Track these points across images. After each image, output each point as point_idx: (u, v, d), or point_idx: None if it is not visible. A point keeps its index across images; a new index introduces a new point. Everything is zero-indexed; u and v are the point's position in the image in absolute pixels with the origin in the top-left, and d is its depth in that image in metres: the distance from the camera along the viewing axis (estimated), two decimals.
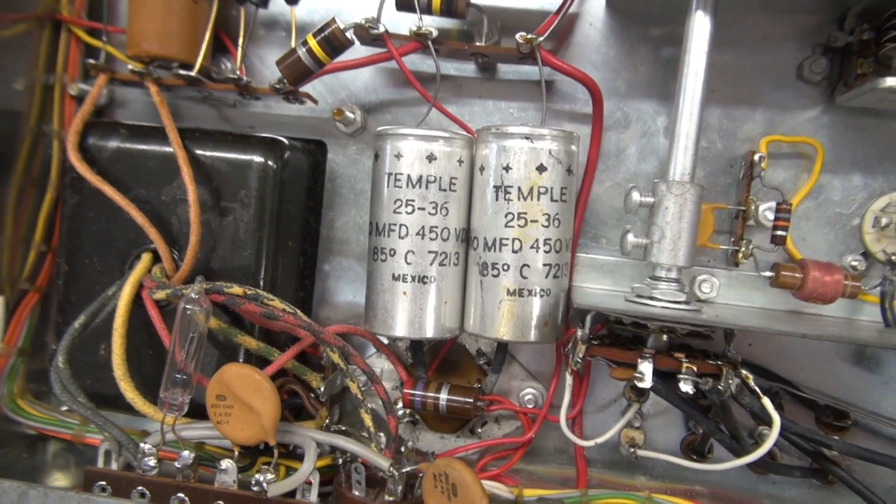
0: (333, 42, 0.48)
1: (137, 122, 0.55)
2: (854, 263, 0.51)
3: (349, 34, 0.48)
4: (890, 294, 0.48)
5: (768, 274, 0.49)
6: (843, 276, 0.47)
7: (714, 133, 0.53)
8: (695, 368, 0.42)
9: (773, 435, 0.42)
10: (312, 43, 0.48)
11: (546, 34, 0.48)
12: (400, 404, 0.53)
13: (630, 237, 0.46)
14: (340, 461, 0.49)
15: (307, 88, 0.54)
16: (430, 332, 0.49)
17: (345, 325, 0.54)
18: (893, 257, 0.49)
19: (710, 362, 0.43)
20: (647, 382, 0.42)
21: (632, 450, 0.53)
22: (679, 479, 0.55)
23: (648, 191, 0.46)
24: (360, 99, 0.57)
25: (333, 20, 0.48)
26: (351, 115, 0.55)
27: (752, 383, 0.43)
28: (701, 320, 0.42)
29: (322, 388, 0.52)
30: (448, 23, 0.54)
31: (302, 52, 0.48)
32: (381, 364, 0.57)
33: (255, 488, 0.45)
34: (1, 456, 0.56)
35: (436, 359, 0.56)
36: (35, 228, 0.56)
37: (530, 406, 0.55)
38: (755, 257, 0.50)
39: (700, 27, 0.44)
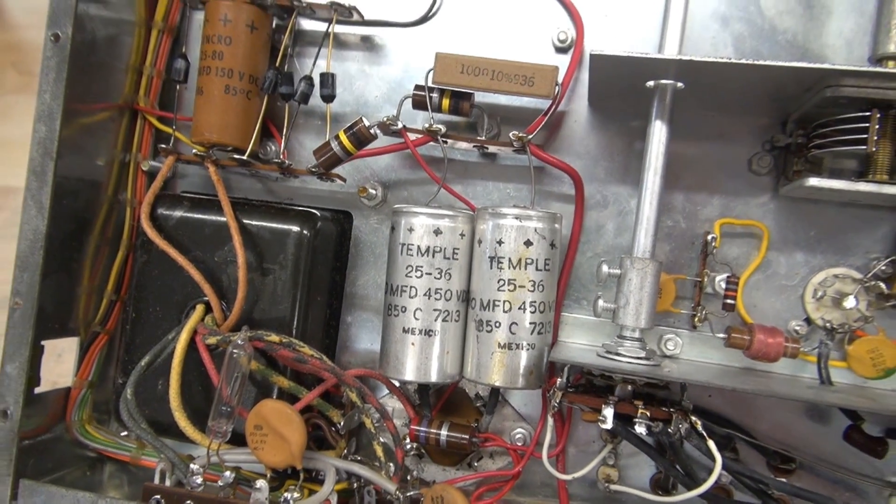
0: (360, 136, 0.58)
1: (198, 195, 0.66)
2: (797, 328, 0.59)
3: (373, 130, 0.59)
4: (825, 355, 0.56)
5: (722, 336, 0.58)
6: (784, 338, 0.56)
7: (679, 214, 0.62)
8: (648, 413, 0.50)
9: (716, 471, 0.50)
10: (343, 137, 0.59)
11: (534, 133, 0.58)
12: (407, 439, 0.62)
13: (601, 302, 0.55)
14: (355, 486, 0.58)
15: (337, 169, 0.65)
16: (434, 378, 0.58)
17: (363, 370, 0.63)
18: (828, 324, 0.58)
19: (664, 409, 0.52)
20: (608, 424, 0.50)
21: (607, 485, 0.61)
22: None
23: (617, 264, 0.56)
24: (382, 177, 0.67)
25: (361, 119, 0.59)
26: (373, 192, 0.66)
27: (699, 428, 0.52)
28: (651, 374, 0.51)
29: (342, 423, 0.61)
30: (457, 117, 0.65)
31: (334, 144, 0.59)
32: (392, 404, 0.66)
33: None
34: (68, 473, 0.66)
35: (440, 401, 0.65)
36: (108, 280, 0.66)
37: (520, 444, 0.64)
38: (710, 321, 0.59)
39: (658, 132, 0.54)
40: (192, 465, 0.56)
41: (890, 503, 0.58)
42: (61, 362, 0.67)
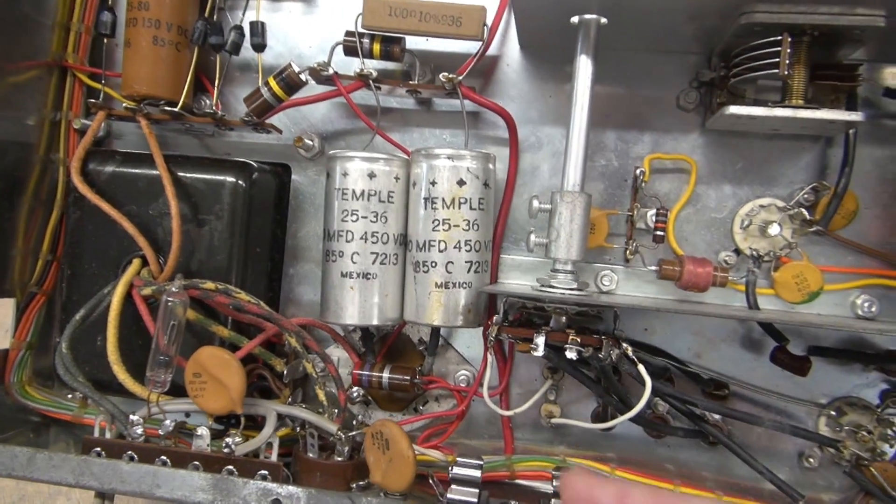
0: (289, 82, 0.58)
1: (130, 150, 0.65)
2: (727, 258, 0.61)
3: (303, 76, 0.59)
4: (752, 282, 0.58)
5: (654, 268, 0.59)
6: (713, 267, 0.57)
7: (611, 153, 0.63)
8: (578, 340, 0.51)
9: (646, 393, 0.51)
10: (273, 83, 0.58)
11: (465, 74, 0.59)
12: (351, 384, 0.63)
13: (533, 237, 0.56)
14: (298, 431, 0.58)
15: (274, 121, 0.65)
16: (375, 320, 0.59)
17: (305, 318, 0.64)
18: (756, 253, 0.59)
19: (595, 337, 0.53)
20: (539, 352, 0.51)
21: (549, 420, 0.62)
22: (593, 447, 0.64)
23: (548, 200, 0.56)
24: (318, 128, 0.67)
25: (290, 64, 0.58)
26: (310, 142, 0.66)
27: (630, 353, 0.53)
28: (580, 300, 0.52)
29: (285, 372, 0.61)
30: (391, 65, 0.65)
31: (264, 91, 0.59)
32: (338, 353, 0.66)
33: (225, 450, 0.55)
34: (11, 437, 0.65)
35: (384, 347, 0.66)
36: (43, 240, 0.65)
37: (463, 385, 0.65)
38: (641, 255, 0.60)
39: (584, 67, 0.55)
40: (132, 417, 0.56)
41: (818, 423, 0.60)
42: None
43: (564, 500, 0.26)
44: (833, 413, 0.59)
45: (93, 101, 0.64)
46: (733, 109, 0.53)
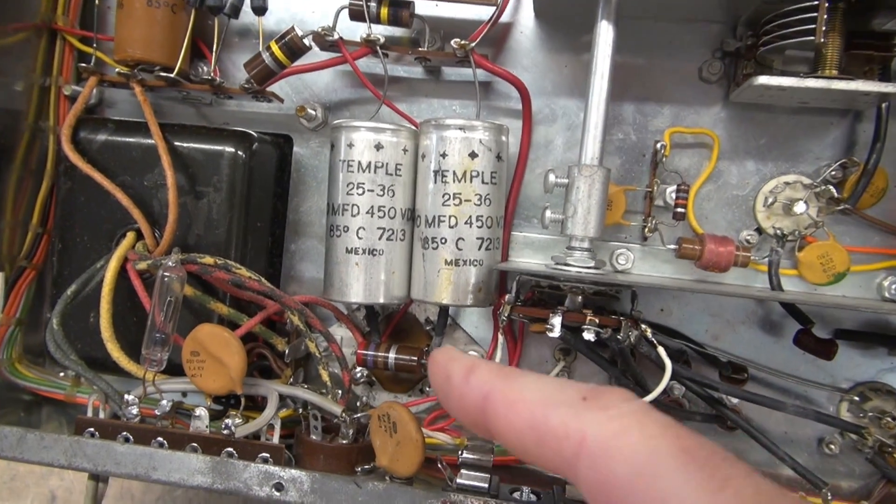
0: (292, 46, 0.55)
1: (124, 118, 0.62)
2: (748, 237, 0.58)
3: (307, 40, 0.56)
4: (775, 262, 0.55)
5: (673, 247, 0.57)
6: (735, 247, 0.55)
7: (629, 126, 0.60)
8: (597, 321, 0.49)
9: (666, 377, 0.49)
10: (275, 48, 0.55)
11: (477, 41, 0.56)
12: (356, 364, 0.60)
13: (548, 213, 0.53)
14: (301, 412, 0.56)
15: (275, 89, 0.62)
16: (381, 299, 0.56)
17: (308, 296, 0.61)
18: (779, 232, 0.57)
19: (614, 317, 0.50)
20: (556, 333, 0.49)
21: None
22: None
23: (564, 173, 0.54)
24: (322, 98, 0.64)
25: (293, 28, 0.55)
26: (313, 112, 0.63)
27: (649, 335, 0.50)
28: (598, 279, 0.50)
29: (287, 351, 0.59)
30: (399, 31, 0.61)
31: (266, 55, 0.55)
32: (341, 332, 0.64)
33: (225, 431, 0.52)
34: (1, 417, 0.62)
35: (389, 326, 0.63)
36: (32, 212, 0.62)
37: None
38: (661, 233, 0.57)
39: (604, 34, 0.52)
40: (126, 396, 0.54)
41: (840, 408, 0.58)
42: None
43: (429, 375, 0.30)
44: (856, 398, 0.57)
45: (84, 65, 0.61)
46: (762, 80, 0.50)
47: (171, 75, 0.58)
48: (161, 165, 0.56)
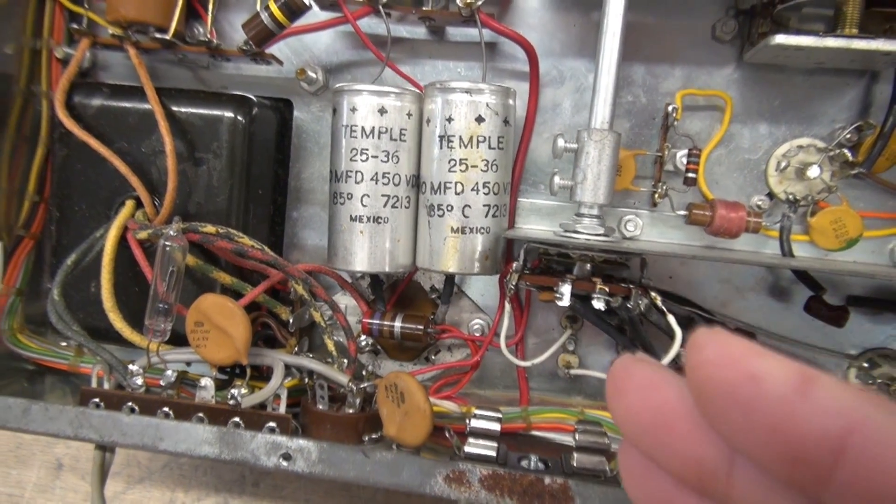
0: (291, 5, 0.53)
1: (119, 83, 0.60)
2: (759, 203, 0.57)
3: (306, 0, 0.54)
4: (787, 228, 0.55)
5: (683, 213, 0.55)
6: (746, 212, 0.54)
7: (639, 88, 0.59)
8: (607, 289, 0.48)
9: (676, 344, 0.49)
10: (273, 7, 0.53)
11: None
12: (361, 333, 0.60)
13: (557, 179, 0.52)
14: (307, 382, 0.56)
15: (274, 51, 0.60)
16: (386, 267, 0.55)
17: (311, 265, 0.60)
18: (791, 196, 0.56)
19: (623, 285, 0.50)
20: (565, 301, 0.48)
21: (567, 371, 0.60)
22: None
23: (573, 138, 0.52)
24: (322, 60, 0.62)
25: None
26: (313, 75, 0.61)
27: (659, 303, 0.50)
28: (608, 246, 0.49)
29: (291, 320, 0.58)
30: None
31: (264, 15, 0.53)
32: (345, 301, 0.63)
33: (231, 402, 0.52)
34: (4, 387, 0.62)
35: (394, 294, 0.62)
36: (28, 181, 0.61)
37: (478, 334, 0.62)
38: (670, 198, 0.56)
39: None
40: (131, 367, 0.53)
41: (848, 374, 0.58)
42: None
43: (696, 365, 0.18)
44: (865, 365, 0.57)
45: (75, 26, 0.59)
46: (780, 39, 0.49)
47: (167, 37, 0.56)
48: (159, 131, 0.55)
